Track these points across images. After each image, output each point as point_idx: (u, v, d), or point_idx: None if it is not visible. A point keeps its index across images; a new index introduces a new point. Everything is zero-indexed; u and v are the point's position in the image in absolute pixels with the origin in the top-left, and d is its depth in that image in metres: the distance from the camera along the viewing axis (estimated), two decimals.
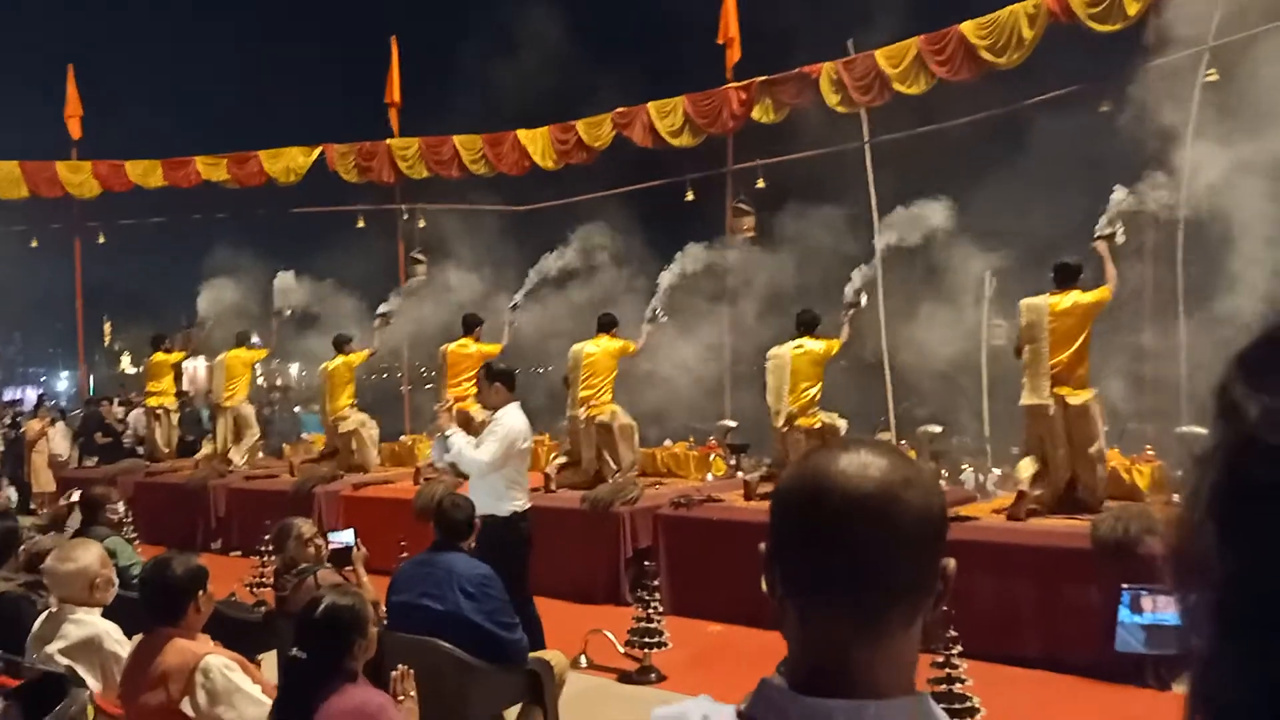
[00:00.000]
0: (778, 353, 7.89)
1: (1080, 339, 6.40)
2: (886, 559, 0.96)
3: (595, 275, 10.89)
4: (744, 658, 6.19)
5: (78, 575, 3.63)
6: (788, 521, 1.02)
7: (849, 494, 0.97)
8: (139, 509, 10.36)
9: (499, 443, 5.51)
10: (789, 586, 1.02)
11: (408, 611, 4.17)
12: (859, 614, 0.97)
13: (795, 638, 1.02)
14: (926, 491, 0.99)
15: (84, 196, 15.77)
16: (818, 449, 1.05)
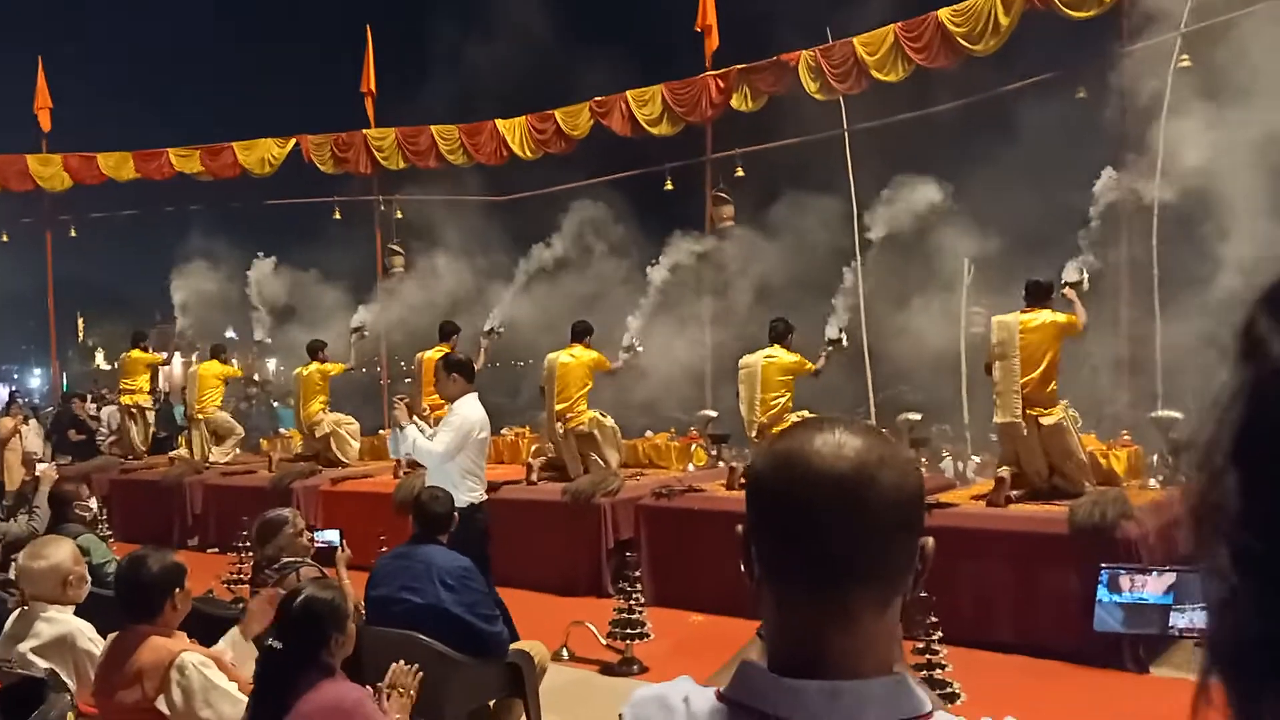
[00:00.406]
0: (748, 361, 7.89)
1: (1049, 357, 6.42)
2: (861, 541, 0.95)
3: (577, 266, 10.88)
4: (726, 647, 6.13)
5: (50, 572, 3.58)
6: (762, 502, 1.01)
7: (823, 474, 0.95)
8: (114, 506, 10.26)
9: (453, 434, 5.57)
10: (765, 568, 1.01)
11: (387, 605, 4.15)
12: (834, 597, 0.96)
13: (772, 620, 1.01)
14: (902, 471, 0.98)
15: (55, 189, 15.56)
16: (793, 427, 1.03)
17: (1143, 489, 6.63)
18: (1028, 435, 6.37)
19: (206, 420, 11.20)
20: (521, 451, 9.89)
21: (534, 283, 10.73)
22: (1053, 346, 6.45)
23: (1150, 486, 6.72)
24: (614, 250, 11.10)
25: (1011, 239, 9.55)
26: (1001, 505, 6.26)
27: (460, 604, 4.11)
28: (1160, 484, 6.77)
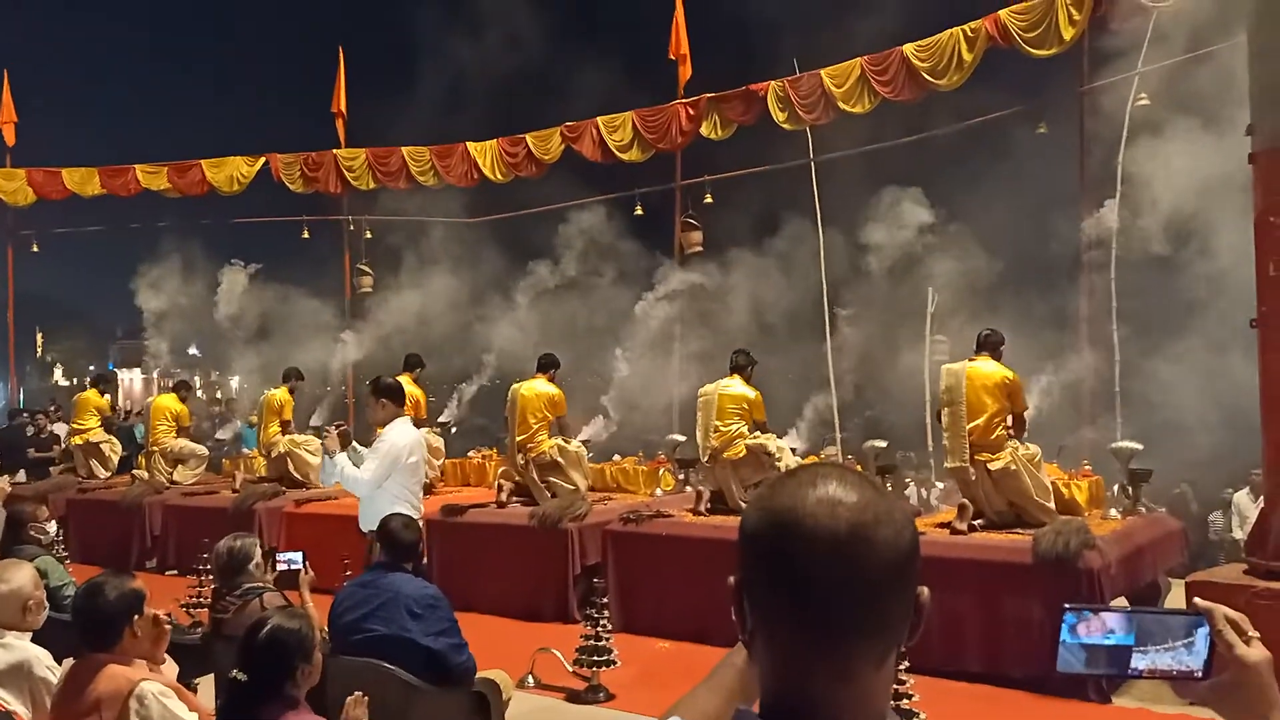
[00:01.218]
0: (706, 390, 7.94)
1: (996, 406, 6.52)
2: (858, 600, 0.95)
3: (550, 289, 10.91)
4: (693, 675, 6.11)
5: (11, 597, 3.50)
6: (756, 560, 0.99)
7: (819, 536, 0.95)
8: (71, 527, 10.07)
9: (379, 461, 5.51)
10: (759, 622, 1.00)
11: (352, 634, 4.08)
12: (832, 654, 0.96)
13: (766, 671, 1.00)
14: (898, 527, 0.97)
15: (18, 204, 15.35)
16: (783, 480, 1.02)
17: (1104, 519, 6.72)
18: (977, 480, 6.46)
19: (162, 451, 11.02)
20: (489, 474, 9.84)
21: (515, 304, 10.74)
22: (997, 400, 6.54)
23: (1111, 516, 6.82)
24: (587, 274, 11.14)
25: (976, 269, 9.71)
26: (964, 533, 6.32)
27: (428, 634, 4.05)
28: (1121, 514, 6.87)
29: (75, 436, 11.93)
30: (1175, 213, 7.78)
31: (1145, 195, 7.99)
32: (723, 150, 12.19)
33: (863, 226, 8.82)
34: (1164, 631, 1.12)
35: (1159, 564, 6.74)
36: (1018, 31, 9.46)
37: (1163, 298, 8.92)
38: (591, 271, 11.22)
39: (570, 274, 10.98)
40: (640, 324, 9.77)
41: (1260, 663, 1.10)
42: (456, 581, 7.45)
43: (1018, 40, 9.47)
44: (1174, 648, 1.12)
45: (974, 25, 9.82)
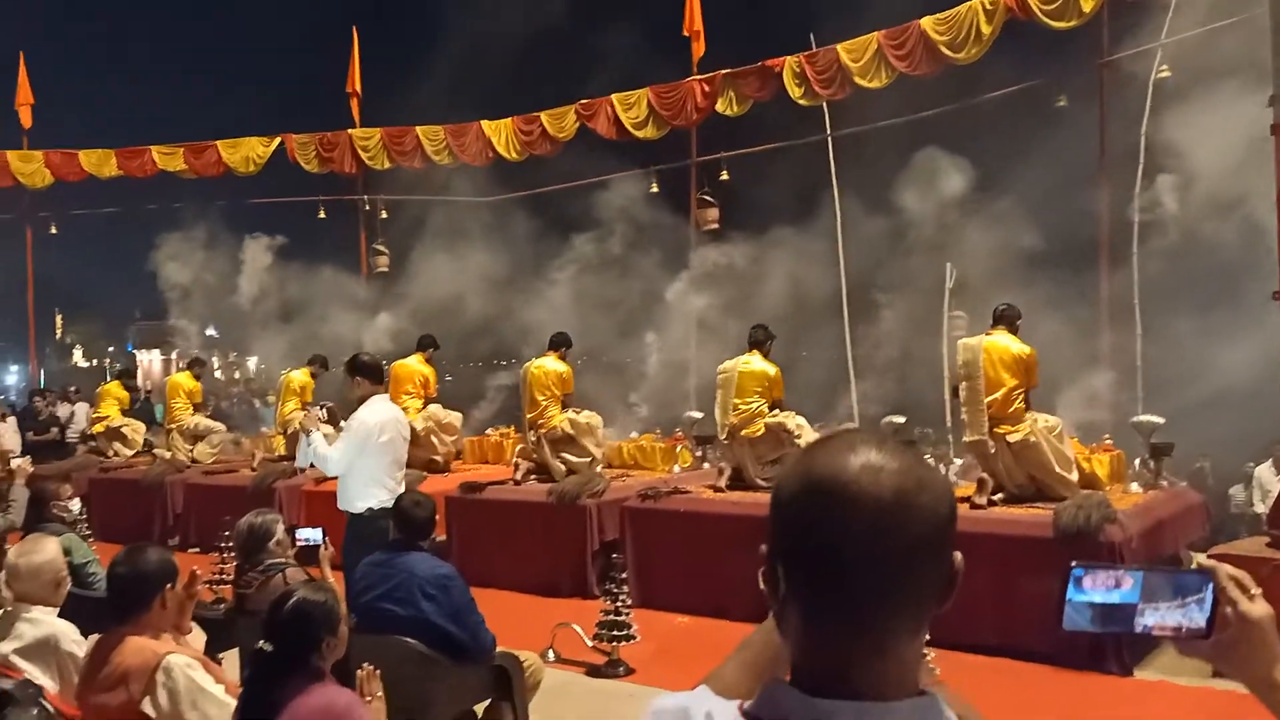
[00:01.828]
0: (726, 367, 7.92)
1: (1014, 381, 6.48)
2: (898, 567, 0.94)
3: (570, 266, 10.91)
4: (712, 650, 6.15)
5: (43, 569, 3.54)
6: (792, 526, 0.98)
7: (861, 502, 0.93)
8: (93, 505, 10.16)
9: (348, 441, 5.45)
10: (792, 591, 0.98)
11: (369, 614, 4.10)
12: (869, 623, 0.94)
13: (798, 641, 0.99)
14: (939, 493, 0.96)
15: (35, 186, 15.43)
16: (821, 445, 1.00)
17: (1125, 493, 6.70)
18: (996, 453, 6.44)
19: (180, 429, 11.16)
20: (506, 451, 9.89)
21: (541, 283, 10.75)
22: (1014, 374, 6.51)
23: (1132, 490, 6.78)
24: (605, 251, 11.14)
25: (994, 244, 9.65)
26: (983, 507, 6.30)
27: (442, 614, 4.07)
28: (1142, 488, 6.84)
29: (97, 425, 12.11)
30: (1202, 186, 7.69)
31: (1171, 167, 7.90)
32: (743, 127, 12.12)
33: (886, 202, 8.76)
34: (1170, 589, 1.13)
35: (1180, 538, 6.71)
36: (1036, 4, 9.33)
37: (1188, 271, 8.85)
38: (620, 248, 11.22)
39: (593, 251, 10.98)
40: (662, 302, 9.76)
41: (1264, 618, 1.12)
42: (475, 558, 7.50)
43: (1036, 12, 9.35)
44: (1180, 605, 1.12)
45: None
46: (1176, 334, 8.55)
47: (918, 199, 8.65)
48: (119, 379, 12.65)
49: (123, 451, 11.83)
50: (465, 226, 13.35)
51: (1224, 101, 7.91)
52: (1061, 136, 10.05)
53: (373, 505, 5.45)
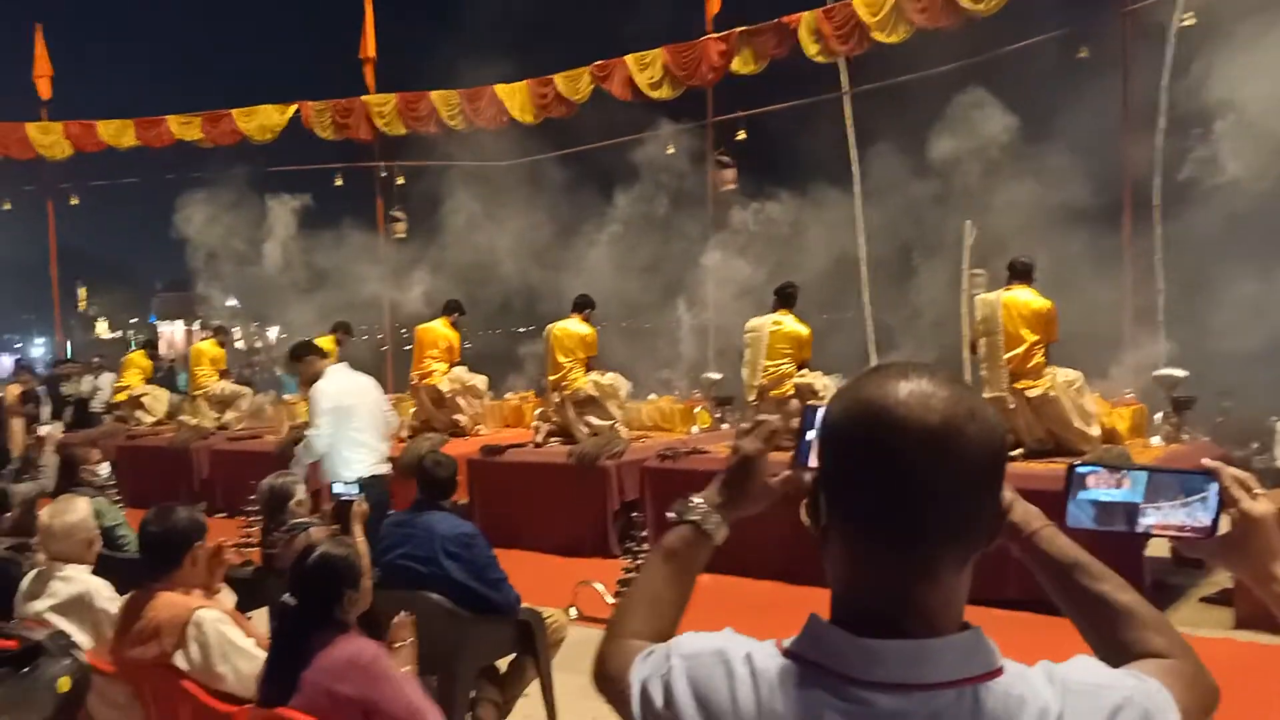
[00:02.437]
0: (756, 325, 7.87)
1: (1034, 335, 6.45)
2: (949, 496, 0.92)
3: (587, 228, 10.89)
4: (732, 607, 6.21)
5: (76, 528, 3.63)
6: (842, 453, 0.96)
7: (912, 427, 0.91)
8: (121, 472, 10.31)
9: (315, 419, 5.53)
10: (840, 520, 0.97)
11: (391, 571, 4.16)
12: (918, 553, 0.93)
13: (842, 575, 0.98)
14: (990, 424, 0.95)
15: (55, 158, 15.52)
16: (872, 372, 0.98)
17: (1146, 447, 6.67)
18: (1016, 408, 6.42)
19: (207, 395, 11.33)
20: (526, 415, 9.95)
21: (571, 243, 10.75)
22: (1034, 328, 6.47)
23: (1153, 444, 6.76)
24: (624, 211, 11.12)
25: (1011, 201, 9.55)
26: None
27: (464, 571, 4.12)
28: (1164, 441, 6.81)
29: (120, 393, 12.28)
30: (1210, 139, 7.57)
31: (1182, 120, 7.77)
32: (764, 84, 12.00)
33: (911, 159, 8.66)
34: (1174, 488, 1.15)
35: None
36: None
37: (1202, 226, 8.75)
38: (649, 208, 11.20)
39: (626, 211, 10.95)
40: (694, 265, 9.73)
41: (1266, 515, 1.15)
42: (497, 520, 7.58)
43: None
44: (1186, 503, 1.14)
45: None
46: (1207, 287, 8.47)
47: (942, 155, 8.54)
48: (143, 349, 12.86)
49: (145, 419, 11.99)
50: (492, 189, 13.36)
51: (1258, 47, 7.77)
52: (1085, 88, 9.89)
53: (362, 474, 5.45)
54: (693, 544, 1.26)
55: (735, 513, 1.28)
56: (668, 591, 1.25)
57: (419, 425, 9.69)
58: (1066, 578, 1.15)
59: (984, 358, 6.61)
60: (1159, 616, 1.13)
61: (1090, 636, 1.15)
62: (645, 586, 1.27)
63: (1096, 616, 1.13)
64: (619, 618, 1.25)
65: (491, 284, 11.09)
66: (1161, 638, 1.10)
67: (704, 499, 1.28)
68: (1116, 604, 1.12)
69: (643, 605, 1.25)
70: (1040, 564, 1.17)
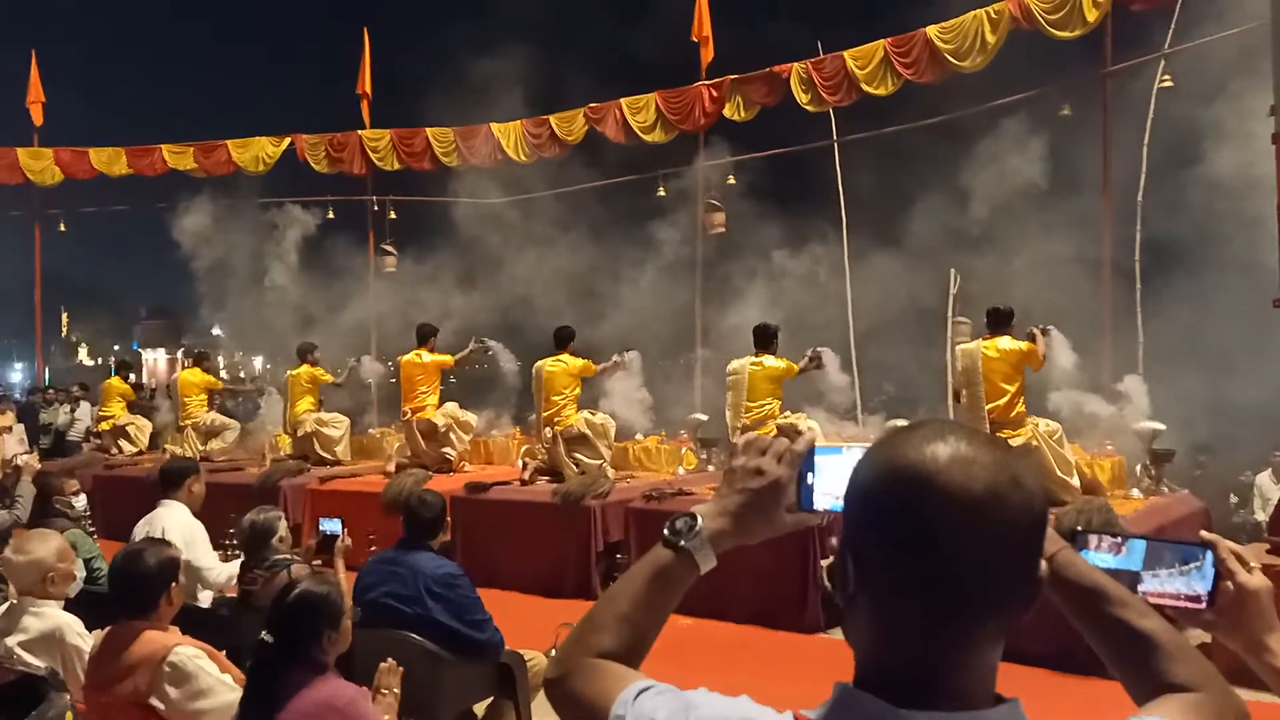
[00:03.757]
0: (736, 368, 7.95)
1: (1014, 385, 6.52)
2: (989, 567, 0.88)
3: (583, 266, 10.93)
4: (714, 652, 6.23)
5: (30, 567, 3.55)
6: (875, 518, 0.91)
7: (954, 496, 0.87)
8: (97, 502, 10.18)
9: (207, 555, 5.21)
10: (870, 587, 0.92)
11: (374, 610, 4.13)
12: (954, 624, 0.89)
13: (871, 643, 0.93)
14: (1032, 491, 0.90)
15: (45, 184, 15.50)
16: (904, 434, 0.94)
17: (1126, 498, 6.72)
18: None
19: (194, 425, 11.24)
20: (512, 453, 9.93)
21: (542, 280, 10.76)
22: (1016, 373, 6.54)
23: (1134, 496, 6.80)
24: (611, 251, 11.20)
25: (996, 251, 9.68)
26: None
27: (448, 612, 4.10)
28: (1143, 493, 6.85)
29: (103, 423, 12.18)
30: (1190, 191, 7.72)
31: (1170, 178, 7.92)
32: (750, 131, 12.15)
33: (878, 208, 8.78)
34: (1171, 558, 1.19)
35: None
36: (1041, 13, 9.36)
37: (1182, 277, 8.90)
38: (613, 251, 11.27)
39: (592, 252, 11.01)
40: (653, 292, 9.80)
41: (1261, 589, 1.17)
42: (480, 558, 7.54)
43: (1041, 22, 9.38)
44: (1181, 573, 1.18)
45: (997, 7, 9.73)
46: (1182, 343, 8.58)
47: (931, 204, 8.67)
48: (118, 373, 12.67)
49: (127, 449, 11.89)
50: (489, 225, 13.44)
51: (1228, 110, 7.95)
52: (1068, 145, 10.07)
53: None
54: (680, 569, 1.19)
55: (737, 542, 1.20)
56: (645, 614, 1.19)
57: (407, 460, 9.66)
58: (1087, 603, 1.13)
59: (966, 407, 6.67)
60: (1182, 643, 1.10)
61: (1114, 664, 1.14)
62: (621, 604, 1.19)
63: (1119, 644, 1.11)
64: (588, 631, 1.18)
65: (480, 316, 11.09)
66: (1186, 667, 1.08)
67: (703, 521, 1.19)
68: (1139, 631, 1.10)
69: (617, 623, 1.18)
70: (1059, 588, 1.14)
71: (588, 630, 1.19)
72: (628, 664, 1.15)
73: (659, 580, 1.19)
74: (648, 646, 1.20)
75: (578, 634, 1.19)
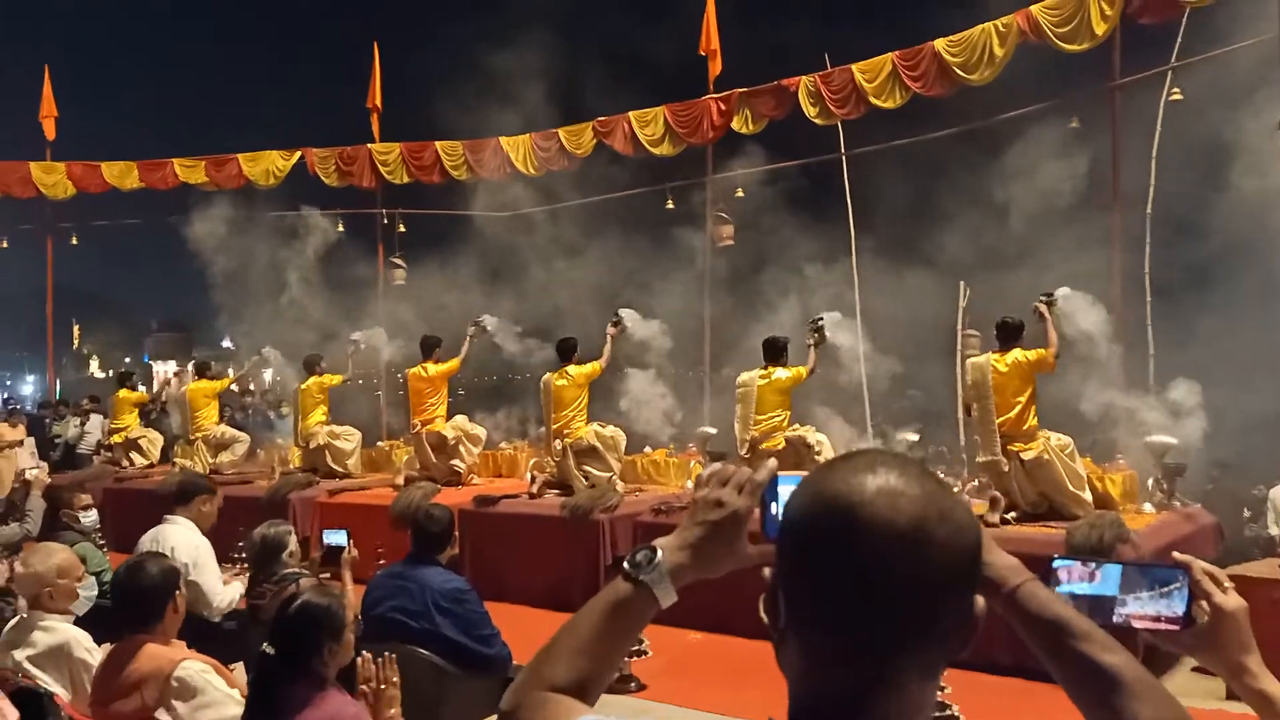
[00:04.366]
0: (746, 379, 7.93)
1: (1024, 396, 6.50)
2: (915, 602, 0.86)
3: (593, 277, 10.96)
4: (723, 666, 6.20)
5: (31, 580, 3.56)
6: (800, 550, 0.90)
7: (876, 528, 0.85)
8: (108, 515, 10.22)
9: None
10: (798, 621, 0.91)
11: (383, 625, 4.13)
12: (880, 660, 0.87)
13: (800, 679, 0.92)
14: (962, 526, 0.89)
15: (57, 197, 15.60)
16: (837, 464, 0.92)
17: (1138, 513, 6.67)
18: (1010, 471, 6.44)
19: (205, 438, 11.25)
20: (520, 465, 9.92)
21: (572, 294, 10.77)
22: (1028, 384, 6.51)
23: (1145, 510, 6.76)
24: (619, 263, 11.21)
25: (1007, 264, 9.64)
26: (996, 525, 6.29)
27: (455, 627, 4.09)
28: (1155, 508, 6.81)
29: (115, 435, 12.20)
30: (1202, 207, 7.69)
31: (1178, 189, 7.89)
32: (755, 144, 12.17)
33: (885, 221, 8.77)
34: (1147, 581, 1.19)
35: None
36: (1049, 26, 9.36)
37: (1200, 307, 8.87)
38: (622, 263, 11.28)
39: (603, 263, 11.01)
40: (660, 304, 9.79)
41: (1237, 610, 1.17)
42: (488, 571, 7.52)
43: (1049, 35, 9.38)
44: (1159, 595, 1.18)
45: (1005, 20, 9.73)
46: (1193, 356, 8.53)
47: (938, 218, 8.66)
48: (123, 385, 12.62)
49: (139, 462, 11.92)
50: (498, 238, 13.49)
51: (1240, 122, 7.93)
52: (1077, 158, 10.04)
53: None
54: (639, 603, 1.15)
55: (699, 575, 1.18)
56: (601, 646, 1.14)
57: (416, 473, 9.65)
58: (1050, 637, 1.09)
59: (977, 422, 6.64)
60: (1147, 680, 1.07)
61: (1077, 701, 1.11)
62: (579, 634, 1.15)
63: (1082, 680, 1.08)
64: (543, 662, 1.14)
65: None
66: (1149, 707, 1.04)
67: (664, 555, 1.16)
68: (1102, 667, 1.06)
69: (571, 655, 1.13)
70: (1022, 621, 1.11)
71: (543, 661, 1.15)
72: (580, 697, 1.11)
73: (617, 613, 1.15)
74: (605, 679, 1.16)
75: (534, 664, 1.15)
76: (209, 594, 5.02)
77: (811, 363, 8.03)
